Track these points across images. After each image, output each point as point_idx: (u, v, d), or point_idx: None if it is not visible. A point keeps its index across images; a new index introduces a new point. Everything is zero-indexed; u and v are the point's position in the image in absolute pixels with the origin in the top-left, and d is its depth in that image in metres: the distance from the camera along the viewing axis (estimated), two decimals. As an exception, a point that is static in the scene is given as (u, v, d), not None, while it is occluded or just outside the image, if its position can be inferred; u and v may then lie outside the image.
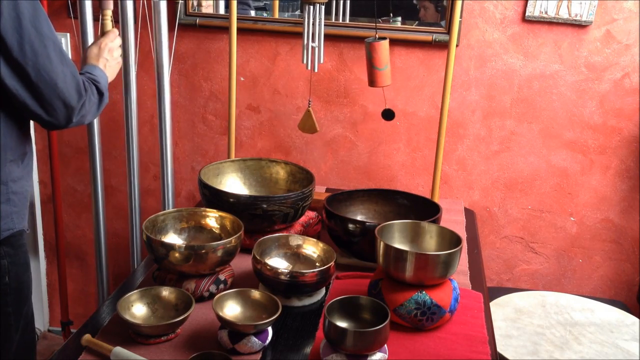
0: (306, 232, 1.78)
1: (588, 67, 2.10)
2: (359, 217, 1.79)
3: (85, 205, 2.51)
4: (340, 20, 2.19)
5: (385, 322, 1.19)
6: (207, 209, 1.59)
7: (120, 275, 2.56)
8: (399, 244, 1.46)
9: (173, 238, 1.54)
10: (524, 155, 2.21)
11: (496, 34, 2.11)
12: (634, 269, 2.27)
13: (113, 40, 1.57)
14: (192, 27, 2.22)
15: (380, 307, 1.27)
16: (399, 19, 2.16)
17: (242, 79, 2.27)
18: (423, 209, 1.74)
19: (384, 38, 1.87)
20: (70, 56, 2.32)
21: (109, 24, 1.60)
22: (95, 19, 2.16)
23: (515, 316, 1.87)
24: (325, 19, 1.87)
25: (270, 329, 1.29)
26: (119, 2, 2.08)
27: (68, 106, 1.31)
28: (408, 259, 1.31)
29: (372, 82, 1.89)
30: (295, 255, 1.56)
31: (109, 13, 1.61)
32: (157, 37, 2.06)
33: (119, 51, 1.59)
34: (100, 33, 1.60)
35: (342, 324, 1.27)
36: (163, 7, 2.03)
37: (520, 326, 1.82)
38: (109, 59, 1.54)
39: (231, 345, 1.25)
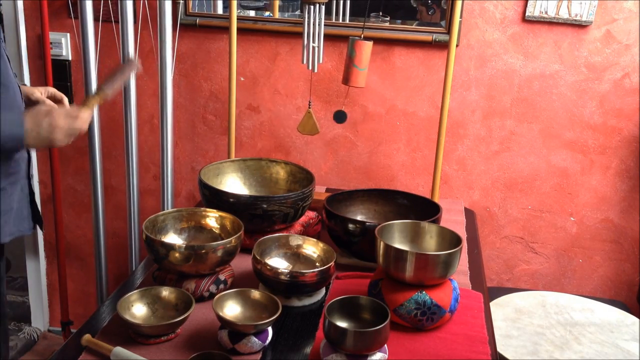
0: (306, 232, 1.78)
1: (588, 67, 2.10)
2: (359, 217, 1.79)
3: (85, 205, 2.51)
4: (340, 20, 2.19)
5: (385, 322, 1.19)
6: (207, 209, 1.58)
7: (120, 275, 2.56)
8: (399, 244, 1.46)
9: (173, 238, 1.53)
10: (524, 155, 2.21)
11: (496, 34, 2.10)
12: (634, 269, 2.27)
13: (72, 126, 1.32)
14: (192, 27, 2.22)
15: (380, 307, 1.27)
16: (388, 17, 2.15)
17: (242, 79, 2.27)
18: (423, 209, 1.74)
19: (370, 40, 1.87)
20: (70, 57, 2.32)
21: (92, 103, 1.39)
22: (96, 19, 2.17)
23: (515, 316, 1.87)
24: (325, 19, 1.88)
25: (270, 329, 1.29)
26: (119, 2, 2.08)
27: None
28: (408, 259, 1.31)
29: (348, 80, 1.88)
30: (295, 255, 1.56)
31: (101, 98, 1.41)
32: (160, 37, 2.06)
33: (69, 137, 1.32)
34: (82, 102, 1.39)
35: (342, 324, 1.27)
36: (168, 7, 2.03)
37: (520, 326, 1.82)
38: (41, 133, 1.28)
39: (231, 345, 1.25)
